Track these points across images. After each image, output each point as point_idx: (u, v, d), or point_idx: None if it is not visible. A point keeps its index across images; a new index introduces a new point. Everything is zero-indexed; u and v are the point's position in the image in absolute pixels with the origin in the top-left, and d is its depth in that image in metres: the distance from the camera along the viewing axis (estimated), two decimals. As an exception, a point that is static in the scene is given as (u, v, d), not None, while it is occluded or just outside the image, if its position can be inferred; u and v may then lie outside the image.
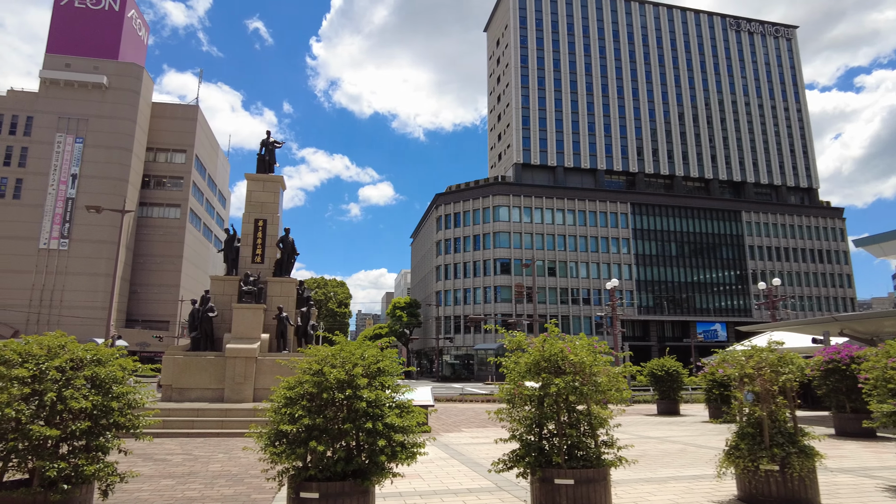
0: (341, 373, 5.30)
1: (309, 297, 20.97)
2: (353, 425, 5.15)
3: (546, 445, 6.09)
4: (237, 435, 14.94)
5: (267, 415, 5.54)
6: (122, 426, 5.49)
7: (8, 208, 63.21)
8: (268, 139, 22.19)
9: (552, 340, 6.29)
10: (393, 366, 5.73)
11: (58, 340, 5.51)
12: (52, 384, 5.06)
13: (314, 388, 5.32)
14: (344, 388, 5.29)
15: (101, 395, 5.34)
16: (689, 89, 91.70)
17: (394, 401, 5.58)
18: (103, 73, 67.36)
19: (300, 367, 5.63)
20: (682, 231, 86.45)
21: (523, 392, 5.97)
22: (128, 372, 5.76)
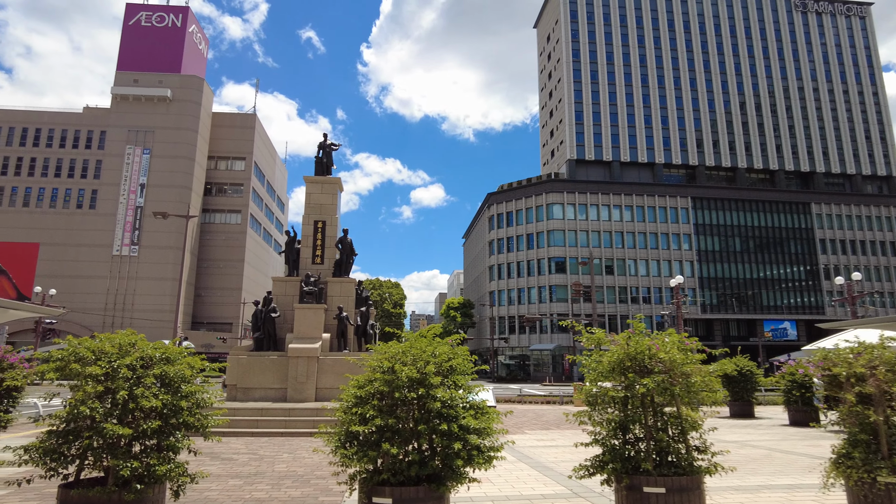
0: (413, 371, 5.01)
1: (367, 297, 20.98)
2: (427, 427, 4.85)
3: (631, 450, 5.60)
4: (300, 434, 15.02)
5: (336, 415, 5.32)
6: (191, 426, 5.41)
7: (85, 218, 66.98)
8: (325, 142, 22.38)
9: (637, 337, 5.80)
10: (465, 364, 5.41)
11: (128, 338, 5.49)
12: (123, 382, 5.02)
13: (385, 387, 5.05)
14: (416, 388, 5.01)
15: (170, 394, 5.28)
16: (750, 77, 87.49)
17: (468, 401, 5.25)
18: (167, 86, 70.43)
19: (370, 366, 5.39)
20: (747, 225, 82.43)
21: (609, 393, 5.50)
22: (196, 371, 5.68)
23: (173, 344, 5.86)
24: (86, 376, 4.98)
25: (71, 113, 71.39)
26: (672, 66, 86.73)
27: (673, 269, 78.35)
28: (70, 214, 67.19)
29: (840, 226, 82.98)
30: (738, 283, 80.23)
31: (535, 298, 77.37)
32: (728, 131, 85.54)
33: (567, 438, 14.81)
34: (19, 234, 66.18)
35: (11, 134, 69.18)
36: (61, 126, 69.90)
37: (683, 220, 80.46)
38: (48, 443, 4.93)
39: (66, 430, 5.01)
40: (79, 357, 5.16)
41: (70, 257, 65.27)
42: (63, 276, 63.43)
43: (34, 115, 70.67)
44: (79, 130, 69.69)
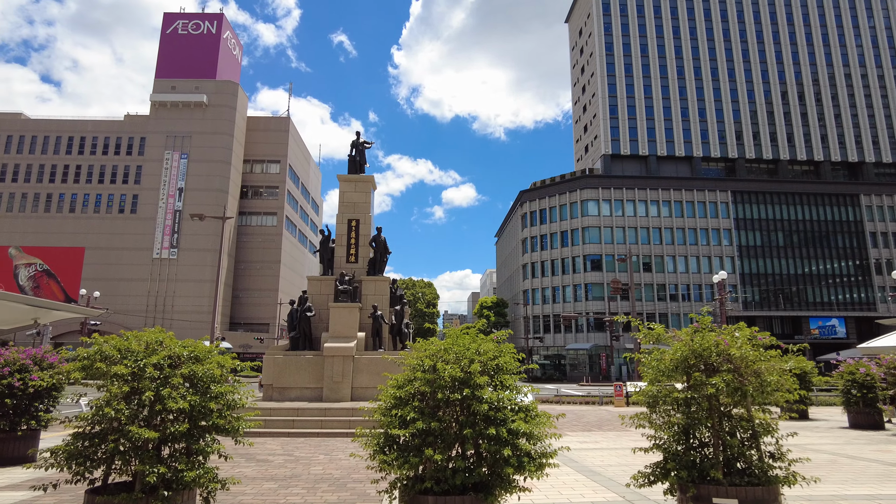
0: (456, 370, 4.61)
1: (402, 296, 20.71)
2: (473, 431, 4.43)
3: (696, 457, 5.07)
4: (336, 435, 14.81)
5: (374, 416, 4.95)
6: (221, 429, 5.12)
7: (127, 222, 68.87)
8: (358, 140, 22.20)
9: (703, 333, 5.26)
10: (512, 363, 4.97)
11: (156, 336, 5.24)
12: (149, 382, 4.76)
13: (427, 388, 4.66)
14: (460, 388, 4.60)
15: (198, 395, 4.99)
16: (792, 65, 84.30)
17: (516, 403, 4.80)
18: (203, 91, 71.84)
19: (409, 364, 5.01)
20: (790, 219, 79.43)
21: (673, 394, 4.98)
22: (226, 370, 5.39)
23: (202, 342, 5.58)
24: (111, 376, 4.75)
25: (112, 121, 73.51)
26: (709, 57, 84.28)
27: (713, 265, 76.13)
28: (113, 219, 69.17)
29: (893, 218, 79.27)
30: (781, 278, 77.44)
31: (570, 297, 76.17)
32: (769, 122, 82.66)
33: (611, 441, 14.21)
34: (66, 239, 68.47)
35: (59, 143, 71.64)
36: (104, 134, 72.04)
37: (723, 215, 78.08)
38: (73, 446, 4.70)
39: (91, 433, 4.78)
40: (104, 356, 4.92)
41: (113, 261, 67.19)
42: (107, 278, 65.32)
43: (79, 125, 73.01)
44: (120, 137, 71.71)
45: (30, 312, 14.64)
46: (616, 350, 65.40)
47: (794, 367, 17.21)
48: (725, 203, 78.21)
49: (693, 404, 5.01)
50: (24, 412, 9.88)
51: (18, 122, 73.14)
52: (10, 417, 9.75)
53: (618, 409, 25.18)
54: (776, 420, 5.08)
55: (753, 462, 4.98)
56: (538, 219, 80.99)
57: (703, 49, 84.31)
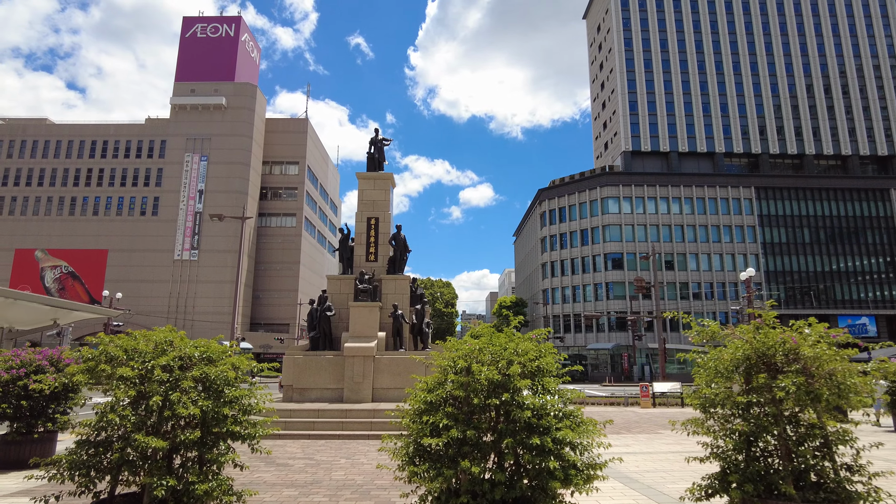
0: (494, 372, 4.15)
1: (422, 295, 20.31)
2: (514, 440, 3.98)
3: (760, 467, 4.54)
4: (357, 437, 14.46)
5: (402, 422, 4.52)
6: (236, 436, 4.72)
7: (148, 224, 69.57)
8: (376, 137, 21.87)
9: (767, 329, 4.73)
10: (554, 364, 4.49)
11: (165, 336, 4.86)
12: (157, 386, 4.38)
13: (461, 391, 4.21)
14: (498, 392, 4.14)
15: (211, 400, 4.59)
16: (817, 57, 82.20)
17: (559, 409, 4.33)
18: (222, 94, 72.30)
19: (440, 365, 4.56)
20: (817, 215, 77.46)
21: (733, 397, 4.47)
22: (241, 372, 4.99)
23: (215, 342, 5.19)
24: (116, 379, 4.37)
25: (134, 124, 74.34)
26: (731, 51, 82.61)
27: (736, 263, 74.64)
28: (135, 221, 69.92)
29: (924, 213, 76.99)
30: (807, 276, 75.59)
31: (590, 296, 75.19)
32: (794, 116, 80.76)
33: (643, 444, 13.64)
34: (90, 242, 69.38)
35: (82, 147, 72.66)
36: (126, 137, 72.88)
37: (747, 212, 76.45)
38: (76, 455, 4.34)
39: (96, 441, 4.41)
40: (110, 357, 4.55)
41: (135, 262, 67.91)
42: (129, 280, 66.03)
43: (102, 129, 73.98)
44: (141, 141, 72.48)
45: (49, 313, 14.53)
46: (638, 350, 64.31)
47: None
48: (749, 199, 76.60)
49: (756, 408, 4.48)
50: (41, 414, 9.66)
51: (43, 127, 74.35)
52: (26, 419, 9.52)
53: (644, 411, 24.51)
54: (849, 427, 4.53)
55: (828, 475, 4.44)
56: (557, 217, 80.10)
57: (724, 43, 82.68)
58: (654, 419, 20.08)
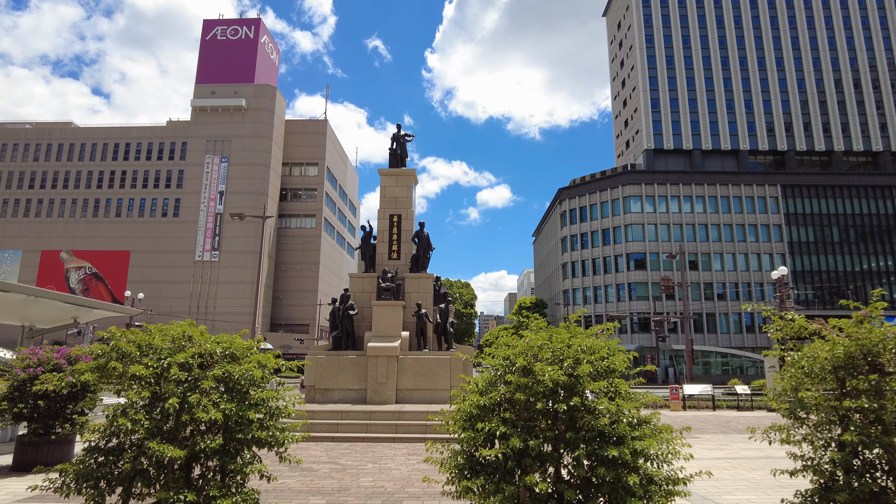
0: (558, 372, 3.59)
1: (446, 293, 19.78)
2: (585, 450, 3.42)
3: (868, 484, 3.92)
4: (382, 440, 13.99)
5: (449, 429, 3.99)
6: (263, 442, 4.21)
7: (170, 226, 70.10)
8: (398, 133, 21.41)
9: (868, 325, 4.11)
10: (625, 363, 3.92)
11: (183, 329, 4.37)
12: (174, 386, 3.89)
13: (521, 394, 3.65)
14: (566, 396, 3.58)
15: (235, 402, 4.09)
16: (846, 51, 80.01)
17: (633, 416, 3.76)
18: (242, 96, 72.62)
19: (493, 365, 4.00)
20: (846, 213, 75.35)
21: (833, 403, 3.85)
22: (268, 371, 4.49)
23: (239, 337, 4.70)
24: (129, 378, 3.89)
25: (156, 127, 75.03)
26: (755, 46, 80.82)
27: (762, 263, 72.99)
28: (156, 223, 70.50)
29: (960, 210, 74.53)
30: (836, 276, 73.59)
31: (612, 297, 74.04)
32: (821, 112, 78.74)
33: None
34: (113, 243, 70.13)
35: (105, 149, 73.51)
36: (147, 140, 73.56)
37: (773, 210, 74.66)
38: (84, 464, 3.87)
39: (106, 448, 3.94)
40: (121, 353, 4.08)
41: (157, 264, 68.44)
42: (151, 281, 66.55)
43: (124, 131, 74.80)
44: (163, 143, 73.09)
45: (69, 311, 14.30)
46: (662, 351, 63.07)
47: None
48: (775, 198, 74.82)
49: (858, 415, 3.87)
50: (58, 415, 9.31)
51: (69, 130, 75.41)
52: (43, 420, 9.19)
53: (675, 414, 23.70)
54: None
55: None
56: (578, 216, 79.06)
57: (748, 38, 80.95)
58: (687, 423, 19.28)
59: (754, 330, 70.66)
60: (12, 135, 74.81)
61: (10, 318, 14.76)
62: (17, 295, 12.32)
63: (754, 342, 69.85)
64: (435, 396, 17.09)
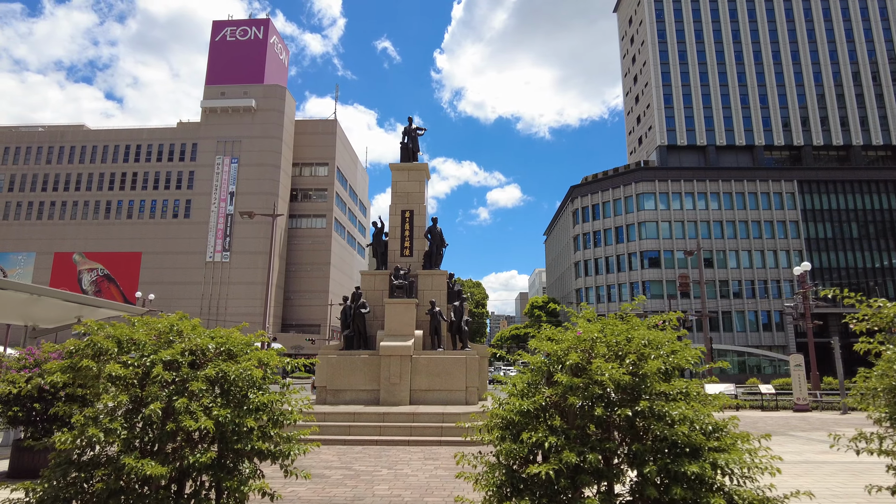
0: (619, 371, 2.97)
1: (460, 291, 19.19)
2: (657, 466, 2.80)
3: None
4: (396, 443, 13.43)
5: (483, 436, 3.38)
6: (264, 454, 3.62)
7: (181, 227, 70.07)
8: (410, 126, 20.84)
9: None
10: (695, 358, 3.29)
11: (171, 322, 3.79)
12: (159, 389, 3.32)
13: (575, 398, 3.04)
14: (628, 399, 2.96)
15: (230, 408, 3.50)
16: (864, 43, 78.41)
17: (706, 422, 3.12)
18: (251, 96, 72.46)
19: (534, 363, 3.39)
20: (865, 209, 73.83)
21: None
22: (270, 371, 3.90)
23: (237, 331, 4.11)
24: (104, 380, 3.32)
25: (166, 128, 75.09)
26: (770, 40, 79.46)
27: (779, 260, 71.69)
28: (167, 224, 70.50)
29: (984, 204, 72.78)
30: (856, 272, 72.10)
31: (626, 295, 73.03)
32: (839, 106, 77.25)
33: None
34: (125, 245, 70.24)
35: (117, 151, 73.68)
36: (158, 141, 73.60)
37: (789, 206, 73.34)
38: (49, 483, 3.30)
39: (79, 462, 3.37)
40: (98, 350, 3.50)
41: (168, 265, 68.43)
42: (162, 282, 66.52)
43: (135, 133, 74.93)
44: (173, 144, 73.10)
45: (73, 310, 13.85)
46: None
47: None
48: (791, 193, 73.49)
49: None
50: (56, 418, 8.82)
51: (80, 133, 75.69)
52: (37, 424, 8.70)
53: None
54: None
55: None
56: (590, 214, 78.15)
57: (763, 31, 79.63)
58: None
59: (771, 328, 69.41)
60: (25, 138, 75.21)
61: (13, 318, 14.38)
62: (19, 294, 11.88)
63: (771, 340, 68.64)
64: (450, 397, 16.51)
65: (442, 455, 11.57)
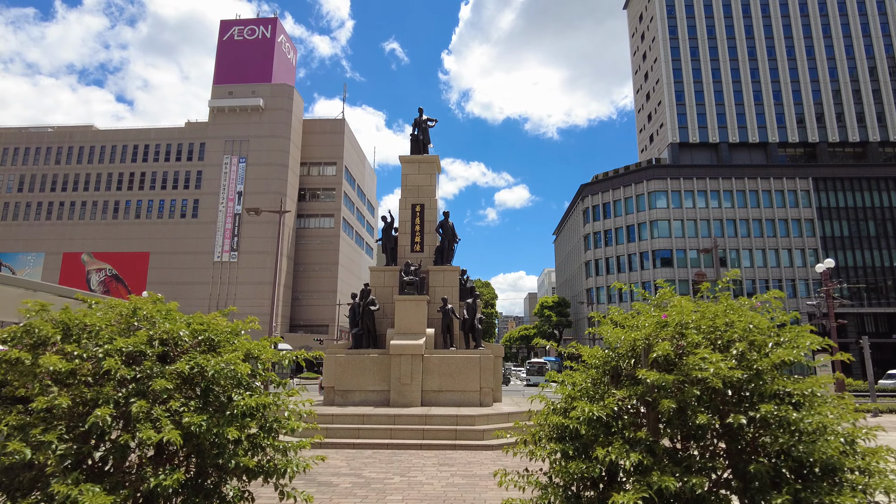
0: (727, 365, 2.21)
1: (473, 288, 18.46)
2: (790, 495, 2.05)
3: None
4: (408, 447, 12.71)
5: (538, 453, 2.64)
6: (254, 472, 2.85)
7: (189, 227, 69.78)
8: (420, 117, 20.13)
9: None
10: (815, 347, 2.53)
11: (137, 306, 3.03)
12: (112, 390, 2.54)
13: (670, 400, 2.28)
14: (739, 401, 2.21)
15: (207, 413, 2.71)
16: (881, 37, 76.93)
17: (845, 434, 2.36)
18: (259, 95, 72.07)
19: (593, 356, 2.64)
20: (883, 206, 72.39)
21: None
22: (263, 366, 3.13)
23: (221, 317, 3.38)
24: (41, 377, 2.54)
25: (174, 128, 74.88)
26: (783, 35, 78.16)
27: (794, 259, 70.46)
28: (175, 224, 70.23)
29: None
30: (874, 271, 70.67)
31: (638, 295, 71.94)
32: (855, 101, 75.85)
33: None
34: (133, 245, 70.05)
35: (125, 151, 73.53)
36: (166, 141, 73.39)
37: (804, 204, 72.06)
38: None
39: (6, 484, 2.60)
40: (38, 338, 2.72)
41: (176, 265, 68.13)
42: (170, 282, 66.21)
43: (143, 133, 74.78)
44: (181, 144, 72.85)
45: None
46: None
47: None
48: (806, 191, 72.20)
49: None
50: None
51: (89, 133, 75.65)
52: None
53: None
54: None
55: None
56: (601, 213, 77.18)
57: (776, 27, 78.36)
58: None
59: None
60: (34, 139, 75.26)
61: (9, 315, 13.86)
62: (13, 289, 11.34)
63: (787, 341, 67.41)
64: (463, 398, 15.78)
65: (457, 460, 10.84)
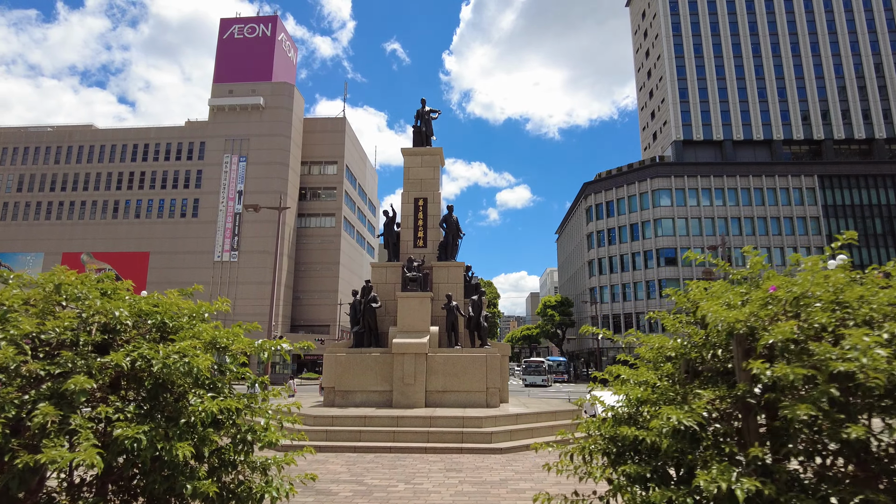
0: (884, 355, 1.59)
1: (478, 285, 17.81)
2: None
3: None
4: (412, 450, 12.08)
5: (593, 470, 2.03)
6: (220, 500, 2.17)
7: (189, 226, 69.20)
8: (423, 109, 19.50)
9: None
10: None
11: (63, 281, 2.34)
12: (16, 391, 1.91)
13: (801, 406, 1.66)
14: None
15: (149, 424, 2.00)
16: (887, 33, 76.24)
17: None
18: (260, 94, 71.49)
19: (662, 345, 2.04)
20: (889, 203, 71.81)
21: None
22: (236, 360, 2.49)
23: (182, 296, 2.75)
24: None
25: (174, 127, 74.32)
26: (788, 31, 77.51)
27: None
28: (175, 223, 69.66)
29: None
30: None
31: (641, 294, 71.39)
32: (861, 98, 75.17)
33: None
34: (133, 244, 69.49)
35: (125, 151, 72.98)
36: (166, 140, 72.82)
37: (809, 202, 71.39)
38: None
39: None
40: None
41: (176, 264, 67.55)
42: (170, 282, 65.63)
43: (143, 132, 74.24)
44: (181, 143, 72.28)
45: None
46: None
47: None
48: (812, 189, 71.54)
49: None
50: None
51: (89, 132, 75.14)
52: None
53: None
54: None
55: None
56: (604, 212, 76.51)
57: (780, 24, 77.67)
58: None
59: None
60: (33, 138, 74.75)
61: None
62: None
63: (793, 340, 66.75)
64: (469, 399, 15.15)
65: (465, 465, 10.22)
